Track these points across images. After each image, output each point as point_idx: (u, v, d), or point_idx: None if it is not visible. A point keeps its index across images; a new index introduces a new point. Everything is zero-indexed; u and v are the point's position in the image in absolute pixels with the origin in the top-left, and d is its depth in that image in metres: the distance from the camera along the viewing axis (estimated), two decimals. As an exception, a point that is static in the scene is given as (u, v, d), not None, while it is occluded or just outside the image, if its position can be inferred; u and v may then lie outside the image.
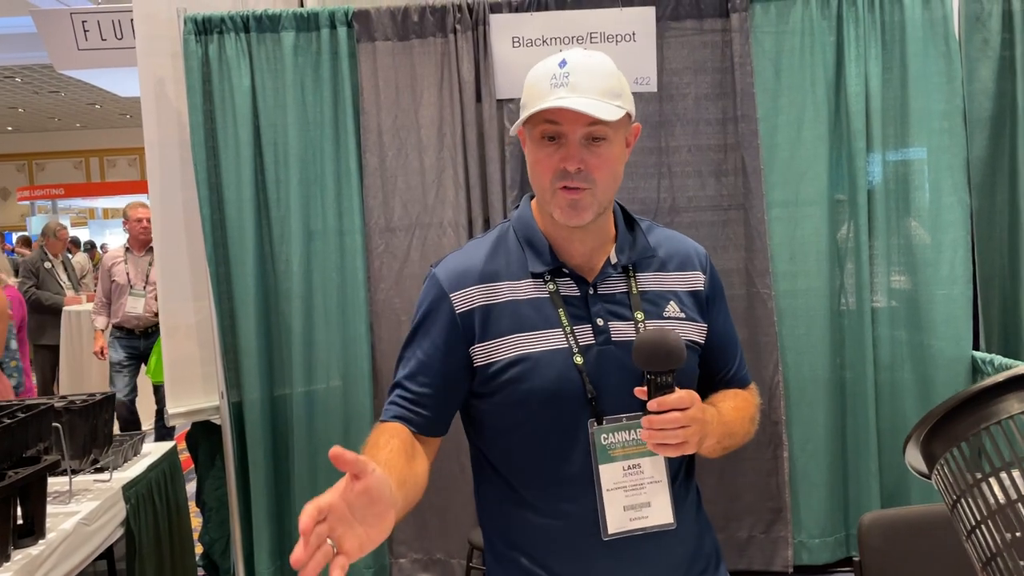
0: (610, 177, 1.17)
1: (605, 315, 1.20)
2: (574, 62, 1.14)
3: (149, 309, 4.78)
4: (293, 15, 2.61)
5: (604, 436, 1.18)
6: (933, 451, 0.76)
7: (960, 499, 0.73)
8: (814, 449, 2.59)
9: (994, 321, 2.64)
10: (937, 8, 2.54)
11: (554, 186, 1.15)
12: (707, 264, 1.30)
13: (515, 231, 1.25)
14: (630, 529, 1.18)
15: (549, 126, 1.14)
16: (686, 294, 1.25)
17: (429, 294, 1.23)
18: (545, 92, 1.14)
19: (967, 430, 0.72)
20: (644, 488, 1.18)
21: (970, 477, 0.71)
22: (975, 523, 0.71)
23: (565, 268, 1.21)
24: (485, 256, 1.23)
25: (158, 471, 2.43)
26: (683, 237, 1.32)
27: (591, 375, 1.17)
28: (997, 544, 0.69)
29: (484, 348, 1.19)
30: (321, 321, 2.65)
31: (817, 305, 2.57)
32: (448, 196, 2.64)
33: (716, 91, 2.61)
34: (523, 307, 1.19)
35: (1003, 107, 2.60)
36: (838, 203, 2.60)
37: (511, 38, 2.61)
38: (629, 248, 1.24)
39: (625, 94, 1.16)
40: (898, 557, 1.57)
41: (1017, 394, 0.71)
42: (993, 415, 0.71)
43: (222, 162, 2.64)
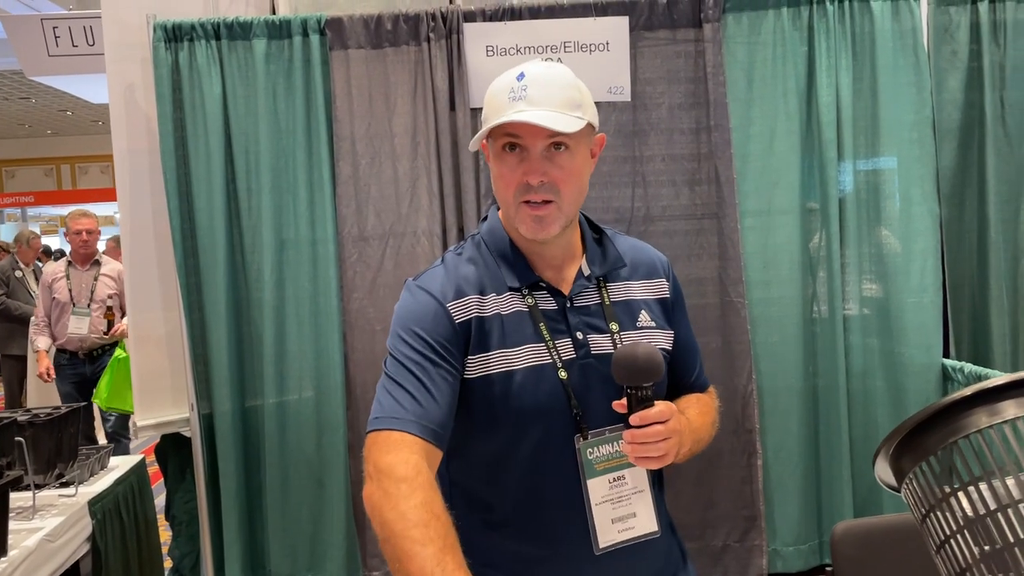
0: (575, 188, 1.16)
1: (583, 328, 1.19)
2: (532, 74, 1.14)
3: (95, 329, 4.47)
4: (265, 22, 2.58)
5: (590, 451, 1.17)
6: (902, 465, 0.75)
7: (929, 513, 0.72)
8: (788, 457, 2.59)
9: (964, 329, 2.66)
10: (906, 20, 2.56)
11: (517, 200, 1.14)
12: (669, 271, 1.30)
13: (486, 244, 1.24)
14: (619, 541, 1.17)
15: (509, 139, 1.13)
16: (654, 302, 1.26)
17: (422, 302, 1.17)
18: (504, 106, 1.13)
19: (936, 444, 0.72)
20: (629, 499, 1.19)
21: (939, 491, 0.71)
22: (945, 537, 0.70)
23: (541, 282, 1.20)
24: (470, 269, 1.21)
25: (125, 485, 2.39)
26: (645, 245, 1.32)
27: (576, 390, 1.17)
28: (967, 559, 0.69)
29: (475, 361, 1.16)
30: (293, 331, 2.62)
31: (790, 313, 2.59)
32: (422, 205, 2.62)
33: (689, 101, 2.62)
34: (508, 321, 1.18)
35: (971, 117, 2.64)
36: (810, 212, 2.62)
37: (485, 47, 2.60)
38: (600, 259, 1.24)
39: (585, 104, 1.15)
40: (871, 566, 1.58)
41: (986, 407, 0.71)
42: (961, 429, 0.71)
43: (193, 170, 2.60)
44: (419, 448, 1.07)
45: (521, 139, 1.13)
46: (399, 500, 0.99)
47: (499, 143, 1.15)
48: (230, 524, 2.63)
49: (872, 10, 2.56)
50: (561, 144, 1.13)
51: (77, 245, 4.56)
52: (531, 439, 1.16)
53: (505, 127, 1.12)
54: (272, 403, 2.62)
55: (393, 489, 1.01)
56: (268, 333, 2.60)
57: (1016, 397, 0.70)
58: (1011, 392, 0.71)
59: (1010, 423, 0.69)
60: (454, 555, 0.95)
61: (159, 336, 2.73)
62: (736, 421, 2.57)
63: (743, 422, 2.57)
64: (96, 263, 4.68)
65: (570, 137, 1.13)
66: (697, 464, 2.57)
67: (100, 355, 4.44)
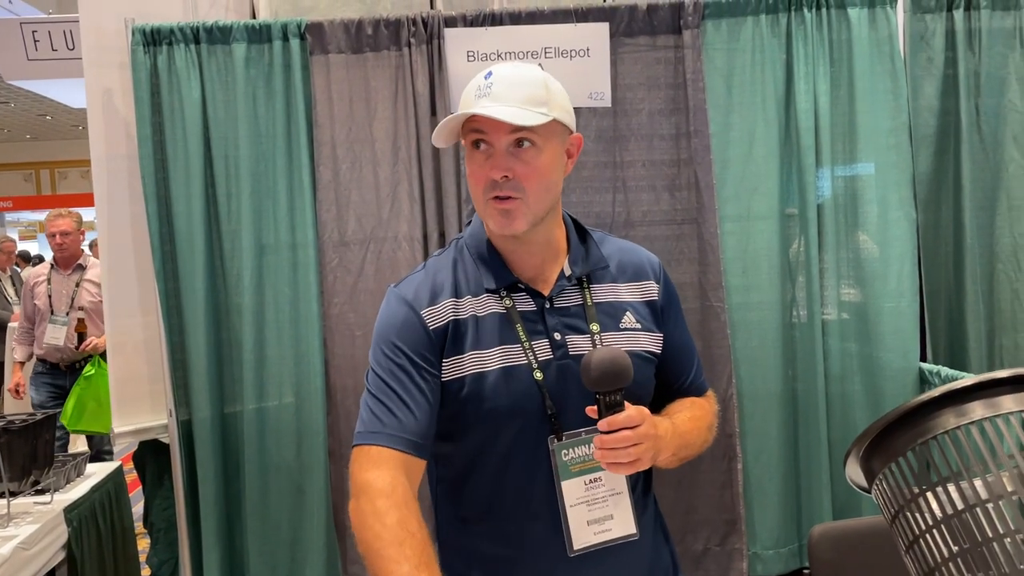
0: (541, 186, 1.16)
1: (562, 329, 1.19)
2: (499, 73, 1.16)
3: (72, 339, 4.10)
4: (245, 27, 2.57)
5: (564, 452, 1.17)
6: (872, 466, 0.76)
7: (899, 513, 0.73)
8: (767, 461, 2.61)
9: (940, 333, 2.69)
10: (883, 27, 2.59)
11: (486, 197, 1.15)
12: (661, 273, 1.30)
13: (468, 248, 1.24)
14: (595, 543, 1.17)
15: (475, 134, 1.15)
16: (641, 304, 1.26)
17: (398, 312, 1.19)
18: (469, 103, 1.15)
19: (904, 445, 0.73)
20: (606, 501, 1.18)
21: (908, 492, 0.72)
22: (914, 537, 0.71)
23: (520, 283, 1.21)
24: (448, 273, 1.22)
25: (102, 492, 2.37)
26: (636, 247, 1.33)
27: (551, 391, 1.17)
28: (935, 557, 0.69)
29: (450, 363, 1.17)
30: (273, 337, 2.61)
31: (769, 318, 2.60)
32: (403, 210, 2.62)
33: (669, 106, 2.64)
34: (483, 323, 1.18)
35: (947, 124, 2.67)
36: (789, 218, 2.64)
37: (466, 52, 2.60)
38: (582, 260, 1.24)
39: (554, 102, 1.15)
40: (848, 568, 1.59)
41: (953, 408, 0.72)
42: (929, 430, 0.72)
43: (171, 175, 2.59)
44: (398, 462, 1.10)
45: (486, 135, 1.14)
46: (376, 518, 1.04)
47: (467, 140, 1.17)
48: (209, 531, 2.60)
49: (849, 17, 2.59)
50: (525, 140, 1.13)
51: (54, 248, 4.28)
52: (505, 439, 1.16)
53: (471, 123, 1.14)
54: (252, 409, 2.60)
55: (370, 507, 1.05)
56: (248, 339, 2.59)
57: (983, 398, 0.71)
58: (978, 393, 0.72)
59: (977, 424, 0.70)
60: (429, 572, 0.99)
61: (137, 342, 2.71)
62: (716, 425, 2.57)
63: (723, 426, 2.58)
64: (80, 267, 4.32)
65: (536, 134, 1.13)
66: (678, 468, 2.55)
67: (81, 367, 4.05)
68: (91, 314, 4.18)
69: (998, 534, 0.66)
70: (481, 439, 1.17)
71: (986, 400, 0.71)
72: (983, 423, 0.69)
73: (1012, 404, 0.70)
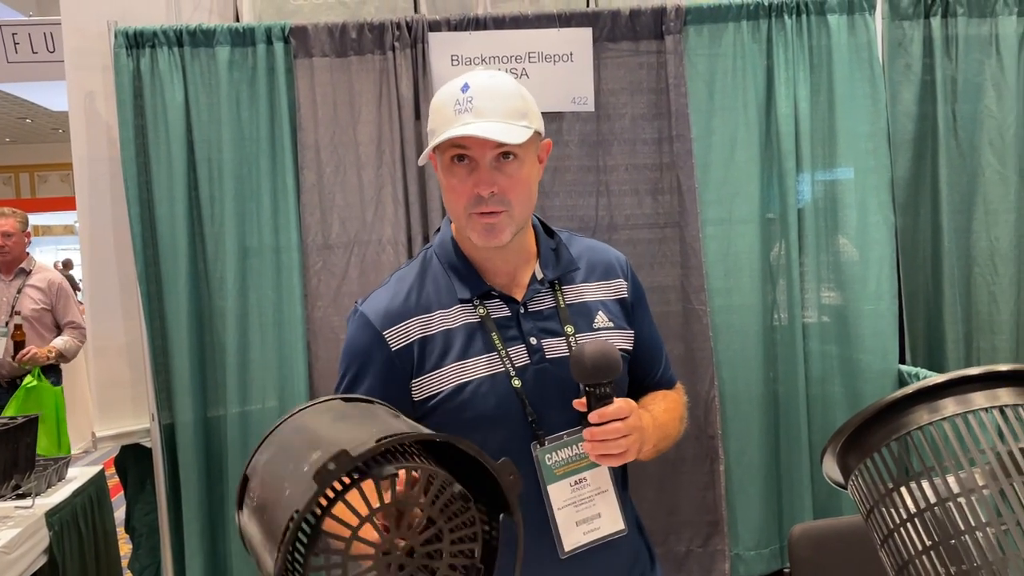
0: (525, 196, 1.17)
1: (537, 333, 1.20)
2: (476, 85, 1.14)
3: (9, 351, 3.71)
4: (228, 30, 2.57)
5: (548, 456, 1.18)
6: (848, 463, 0.78)
7: (874, 508, 0.74)
8: (749, 462, 2.63)
9: (919, 335, 2.72)
10: (862, 33, 2.63)
11: (468, 211, 1.15)
12: (628, 270, 1.31)
13: (437, 257, 1.24)
14: (585, 543, 1.18)
15: (457, 150, 1.14)
16: (612, 302, 1.27)
17: (361, 336, 1.19)
18: (450, 118, 1.13)
19: (879, 441, 0.74)
20: (593, 500, 1.19)
21: (882, 487, 0.73)
22: (888, 531, 0.72)
23: (493, 291, 1.21)
24: (413, 288, 1.22)
25: (84, 496, 2.36)
26: (604, 246, 1.33)
27: (530, 396, 1.17)
28: (909, 551, 0.71)
29: (423, 381, 1.17)
30: (257, 340, 2.60)
31: (751, 321, 2.63)
32: (387, 213, 2.62)
33: (652, 111, 2.66)
34: (456, 335, 1.18)
35: (925, 129, 2.70)
36: (770, 221, 2.67)
37: (450, 56, 2.61)
38: (553, 263, 1.24)
39: (531, 112, 1.16)
40: (828, 567, 1.61)
41: (927, 405, 0.74)
42: (903, 426, 0.73)
43: (154, 178, 2.58)
44: None
45: (469, 151, 1.13)
46: None
47: (447, 155, 1.15)
48: (191, 536, 2.59)
49: (829, 24, 2.62)
50: (509, 154, 1.14)
51: None
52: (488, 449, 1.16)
53: (452, 140, 1.13)
54: (235, 413, 2.60)
55: None
56: (231, 342, 2.58)
57: (956, 395, 0.73)
58: (951, 390, 0.73)
59: (950, 420, 0.71)
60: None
61: (119, 345, 2.70)
62: (699, 427, 2.60)
63: (705, 428, 2.60)
64: (23, 272, 3.98)
65: (518, 146, 1.14)
66: (660, 470, 2.60)
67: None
68: (32, 322, 3.89)
69: (970, 527, 0.67)
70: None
71: (958, 397, 0.72)
72: (955, 419, 0.71)
73: (983, 400, 0.71)
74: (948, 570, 0.67)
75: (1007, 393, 0.71)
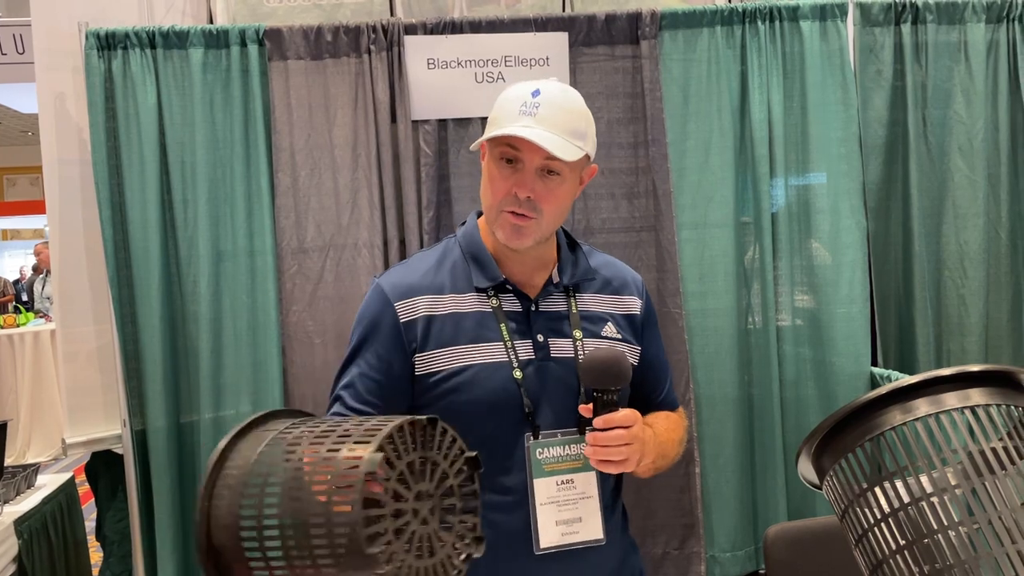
0: (557, 211, 1.20)
1: (546, 332, 1.23)
2: (547, 93, 1.17)
3: None
4: (202, 32, 2.55)
5: (540, 451, 1.20)
6: (823, 463, 0.78)
7: (849, 508, 0.75)
8: (724, 464, 2.65)
9: (891, 338, 2.76)
10: (834, 40, 2.66)
11: (501, 207, 1.18)
12: (643, 291, 1.35)
13: (460, 246, 1.27)
14: (561, 544, 1.19)
15: (509, 149, 1.17)
16: (622, 317, 1.29)
17: (373, 304, 1.24)
18: (512, 117, 1.16)
19: (853, 442, 0.75)
20: (576, 504, 1.21)
21: (857, 487, 0.74)
22: (863, 531, 0.73)
23: (509, 284, 1.24)
24: (430, 269, 1.25)
25: (54, 504, 2.32)
26: (621, 263, 1.38)
27: (529, 390, 1.19)
28: (883, 550, 0.71)
29: (425, 358, 1.20)
30: (230, 345, 2.58)
31: (725, 324, 2.65)
32: (363, 217, 2.61)
33: (628, 116, 2.67)
34: (466, 320, 1.21)
35: (896, 134, 2.74)
36: (744, 225, 2.69)
37: (426, 60, 2.61)
38: (571, 269, 1.28)
39: (589, 135, 1.20)
40: (803, 568, 1.62)
41: (900, 405, 0.75)
42: (877, 427, 0.74)
43: (126, 181, 2.55)
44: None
45: (520, 152, 1.16)
46: None
47: (497, 150, 1.19)
48: (164, 543, 2.56)
49: (801, 30, 2.65)
50: (555, 170, 1.16)
51: None
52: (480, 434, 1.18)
53: (506, 138, 1.15)
54: (208, 418, 2.57)
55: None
56: (204, 347, 2.56)
57: (928, 395, 0.74)
58: (924, 391, 0.74)
59: (923, 420, 0.72)
60: None
61: (90, 350, 2.66)
62: (674, 430, 2.61)
63: (681, 431, 2.61)
64: None
65: (566, 164, 1.16)
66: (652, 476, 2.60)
67: None
68: None
69: (942, 526, 0.68)
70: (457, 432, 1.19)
71: (931, 397, 0.74)
72: (928, 419, 0.72)
73: (955, 401, 0.72)
74: (921, 569, 0.68)
75: (978, 393, 0.72)
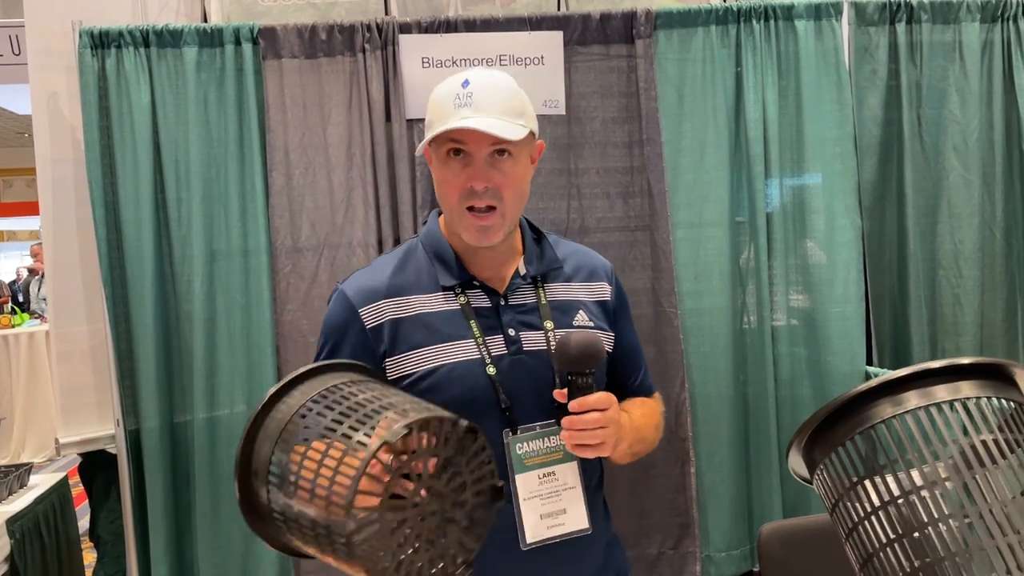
0: (516, 194, 1.19)
1: (516, 325, 1.22)
2: (476, 81, 1.17)
3: None
4: (196, 30, 2.54)
5: (519, 445, 1.19)
6: (813, 456, 0.78)
7: (839, 501, 0.75)
8: (720, 464, 2.64)
9: (885, 337, 2.76)
10: (829, 39, 2.66)
11: (462, 206, 1.17)
12: (613, 277, 1.34)
13: (423, 246, 1.26)
14: (548, 537, 1.19)
15: (454, 144, 1.16)
16: (593, 304, 1.28)
17: (337, 311, 1.23)
18: (449, 112, 1.15)
19: (844, 435, 0.75)
20: (560, 495, 1.20)
21: (847, 480, 0.74)
22: (853, 524, 0.73)
23: (475, 280, 1.23)
24: (393, 271, 1.24)
25: (46, 504, 2.31)
26: (590, 251, 1.36)
27: (504, 385, 1.19)
28: (873, 543, 0.71)
29: (396, 361, 1.19)
30: (224, 344, 2.57)
31: (720, 323, 2.64)
32: (358, 216, 2.60)
33: (623, 115, 2.67)
34: (434, 319, 1.20)
35: (891, 134, 2.74)
36: (739, 225, 2.69)
37: (420, 58, 2.61)
38: (537, 260, 1.27)
39: (527, 112, 1.19)
40: (796, 565, 1.62)
41: (891, 398, 0.74)
42: (867, 420, 0.74)
43: (120, 180, 2.54)
44: None
45: (466, 145, 1.16)
46: None
47: (443, 148, 1.18)
48: (157, 543, 2.55)
49: (796, 29, 2.65)
50: (504, 151, 1.16)
51: None
52: None
53: (450, 133, 1.15)
54: (202, 418, 2.56)
55: None
56: (198, 346, 2.55)
57: (919, 388, 0.74)
58: (913, 383, 0.74)
59: (912, 413, 0.72)
60: None
61: (84, 350, 2.65)
62: (670, 430, 2.60)
63: (676, 431, 2.61)
64: None
65: (513, 144, 1.16)
66: (632, 473, 2.60)
67: None
68: None
69: (933, 520, 0.68)
70: None
71: (921, 390, 0.73)
72: (918, 412, 0.72)
73: (945, 393, 0.72)
74: (912, 563, 0.67)
75: (968, 386, 0.72)
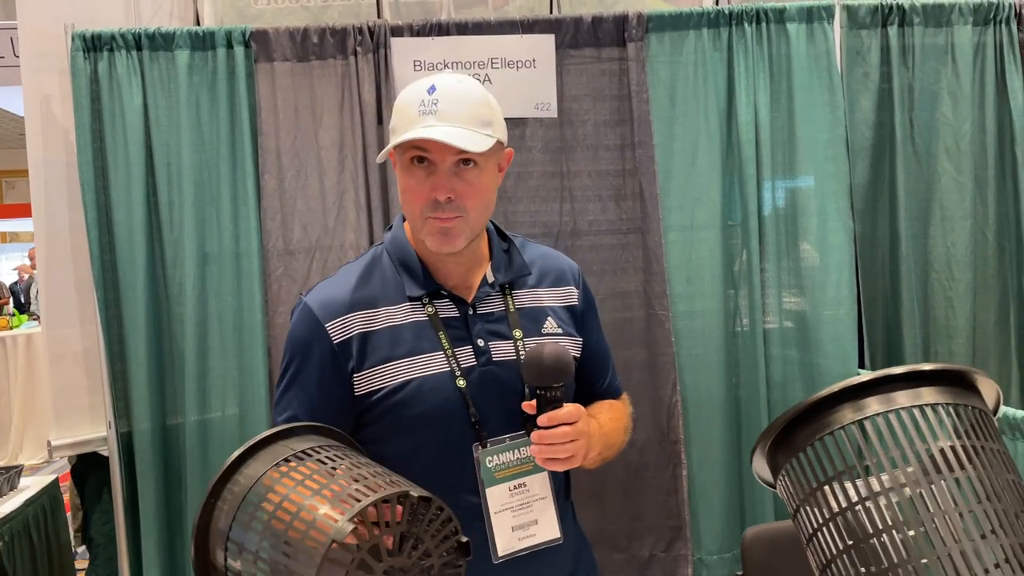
0: (482, 204, 1.16)
1: (485, 335, 1.19)
2: (443, 88, 1.12)
3: None
4: (188, 33, 2.55)
5: (489, 459, 1.17)
6: (777, 461, 0.78)
7: (800, 507, 0.75)
8: (711, 467, 2.64)
9: (877, 340, 2.75)
10: (821, 42, 2.66)
11: (424, 215, 1.14)
12: (580, 279, 1.31)
13: (389, 254, 1.23)
14: (519, 549, 1.17)
15: (418, 152, 1.13)
16: (562, 309, 1.27)
17: (303, 327, 1.18)
18: (413, 119, 1.11)
19: (805, 440, 0.74)
20: (531, 506, 1.19)
21: (807, 486, 0.74)
22: (812, 531, 0.73)
23: (443, 290, 1.20)
24: (358, 281, 1.20)
25: (36, 506, 2.32)
26: (556, 253, 1.33)
27: (474, 398, 1.16)
28: (832, 550, 0.71)
29: (364, 376, 1.16)
30: (216, 347, 2.57)
31: (713, 326, 2.64)
32: (349, 218, 2.61)
33: (615, 118, 2.67)
34: (403, 332, 1.17)
35: (883, 136, 2.74)
36: (731, 228, 2.68)
37: (412, 62, 2.61)
38: (505, 267, 1.24)
39: (495, 121, 1.16)
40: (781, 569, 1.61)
41: (852, 404, 0.74)
42: (828, 425, 0.74)
43: (112, 183, 2.55)
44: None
45: (429, 153, 1.12)
46: None
47: (407, 156, 1.14)
48: (149, 546, 2.55)
49: (788, 32, 2.65)
50: (470, 160, 1.13)
51: None
52: (429, 448, 1.15)
53: (414, 141, 1.12)
54: (194, 421, 2.56)
55: None
56: (190, 349, 2.55)
57: (879, 394, 0.74)
58: (875, 389, 0.74)
59: (871, 419, 0.72)
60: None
61: (76, 353, 2.65)
62: (661, 432, 2.60)
63: (668, 433, 2.61)
64: None
65: (479, 154, 1.13)
66: (623, 475, 2.60)
67: None
68: None
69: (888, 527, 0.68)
70: (404, 447, 1.16)
71: (882, 395, 0.73)
72: (876, 419, 0.72)
73: (905, 400, 0.72)
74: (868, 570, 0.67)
75: (929, 392, 0.72)
